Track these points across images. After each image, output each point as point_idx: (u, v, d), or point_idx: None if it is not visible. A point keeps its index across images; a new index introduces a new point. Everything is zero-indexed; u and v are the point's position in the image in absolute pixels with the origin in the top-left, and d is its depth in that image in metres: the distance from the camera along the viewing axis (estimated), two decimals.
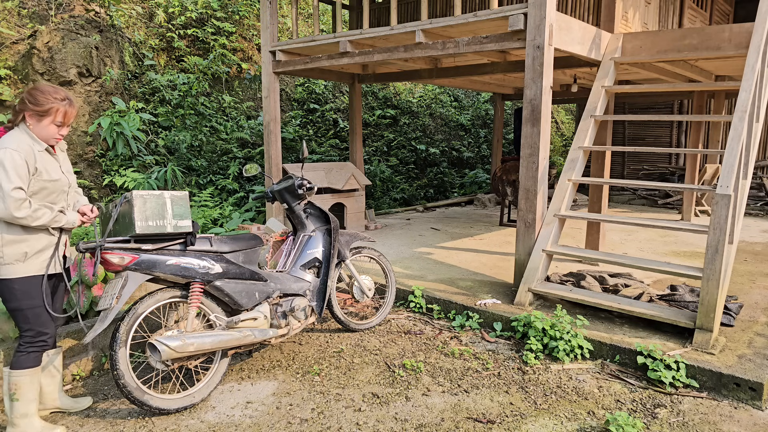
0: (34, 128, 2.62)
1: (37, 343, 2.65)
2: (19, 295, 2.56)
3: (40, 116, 2.60)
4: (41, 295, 2.62)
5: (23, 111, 2.60)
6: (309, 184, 3.74)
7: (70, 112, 2.68)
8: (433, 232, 7.44)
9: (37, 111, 2.59)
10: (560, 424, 2.84)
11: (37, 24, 7.00)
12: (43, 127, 2.62)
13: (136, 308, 2.84)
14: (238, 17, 9.95)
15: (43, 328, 2.65)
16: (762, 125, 4.74)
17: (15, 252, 2.53)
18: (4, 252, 2.52)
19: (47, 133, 2.64)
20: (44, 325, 2.65)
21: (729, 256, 3.95)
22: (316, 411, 2.97)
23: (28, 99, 2.60)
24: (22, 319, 2.60)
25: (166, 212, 2.82)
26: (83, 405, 2.99)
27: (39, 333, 2.64)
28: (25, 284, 2.57)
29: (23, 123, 2.64)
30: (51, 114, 2.62)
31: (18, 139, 2.56)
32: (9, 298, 2.57)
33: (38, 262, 2.60)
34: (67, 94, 2.69)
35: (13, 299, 2.57)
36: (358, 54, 5.63)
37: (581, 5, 5.94)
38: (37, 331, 2.64)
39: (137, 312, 2.83)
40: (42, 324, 2.64)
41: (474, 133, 13.67)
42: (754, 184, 10.00)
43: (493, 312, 4.12)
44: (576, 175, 4.62)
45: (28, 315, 2.60)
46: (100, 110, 7.23)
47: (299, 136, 9.51)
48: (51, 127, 2.63)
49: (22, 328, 2.62)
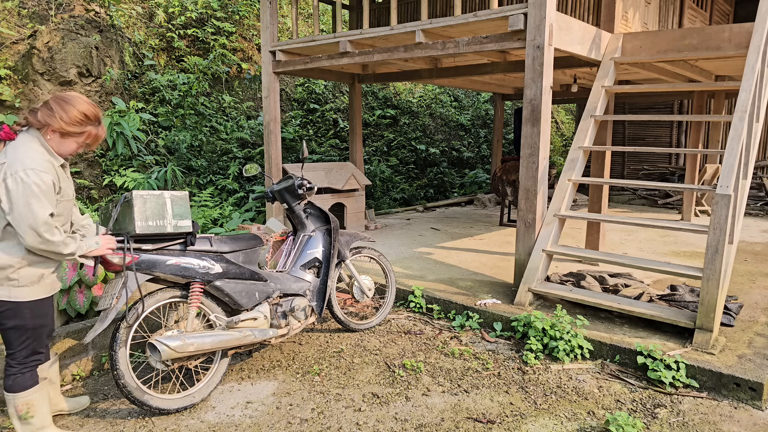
0: (52, 142, 2.34)
1: (31, 363, 2.48)
2: (27, 315, 2.39)
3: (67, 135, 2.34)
4: (49, 314, 2.50)
5: (48, 125, 2.30)
6: (309, 184, 3.74)
7: (100, 136, 2.44)
8: (433, 232, 7.44)
9: (67, 130, 2.32)
10: (560, 424, 2.84)
11: (37, 24, 7.00)
12: (65, 145, 2.37)
13: (136, 308, 2.84)
14: (238, 17, 9.95)
15: (40, 347, 2.50)
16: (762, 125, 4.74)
17: (32, 274, 2.37)
18: (20, 274, 2.34)
19: (66, 150, 2.39)
20: (42, 345, 2.51)
21: (729, 256, 3.95)
22: (316, 411, 2.97)
23: (60, 115, 2.29)
24: (20, 337, 2.41)
25: (166, 212, 2.82)
26: (83, 404, 2.99)
27: (34, 352, 2.48)
28: (36, 305, 2.42)
29: (37, 131, 2.34)
30: (82, 136, 2.39)
31: (39, 156, 2.29)
32: (13, 316, 2.37)
33: (48, 282, 2.47)
34: (99, 115, 2.42)
35: (19, 317, 2.38)
36: (358, 54, 5.63)
37: (581, 5, 5.94)
38: (33, 350, 2.47)
39: (137, 312, 2.83)
40: (41, 344, 2.50)
41: (474, 133, 13.67)
42: (754, 184, 10.00)
43: (493, 312, 4.12)
44: (576, 175, 4.62)
45: (30, 335, 2.43)
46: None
47: (299, 136, 9.51)
48: (73, 147, 2.40)
49: (16, 348, 2.42)
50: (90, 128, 2.39)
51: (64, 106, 2.33)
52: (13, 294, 2.34)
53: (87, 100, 2.40)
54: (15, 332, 2.40)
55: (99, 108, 2.45)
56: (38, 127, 2.33)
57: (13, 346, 2.43)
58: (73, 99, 2.38)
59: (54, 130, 2.33)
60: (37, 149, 2.30)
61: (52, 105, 2.33)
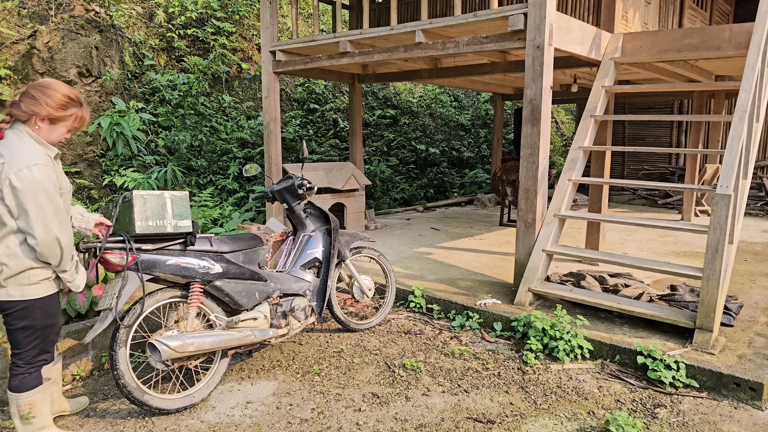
0: (42, 132, 2.32)
1: (39, 363, 2.47)
2: (38, 314, 2.38)
3: (56, 121, 2.33)
4: (57, 313, 2.49)
5: (36, 114, 2.28)
6: (309, 184, 3.74)
7: (85, 117, 2.45)
8: (433, 232, 7.44)
9: (55, 116, 2.31)
10: (560, 424, 2.84)
11: (37, 24, 7.00)
12: (55, 132, 2.36)
13: (136, 308, 2.84)
14: (238, 17, 9.95)
15: (48, 347, 2.50)
16: (762, 125, 4.74)
17: (44, 272, 2.37)
18: (31, 273, 2.33)
19: (56, 137, 2.37)
20: (49, 344, 2.51)
21: (729, 256, 3.95)
22: (316, 411, 2.97)
23: (46, 101, 2.28)
24: (29, 337, 2.40)
25: (166, 212, 2.82)
26: (83, 404, 2.98)
27: (42, 352, 2.47)
28: (47, 303, 2.41)
29: (23, 125, 2.30)
30: (69, 119, 2.38)
31: (37, 150, 2.27)
32: (24, 316, 2.35)
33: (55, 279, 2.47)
34: (81, 97, 2.43)
35: (30, 318, 2.36)
36: (358, 54, 5.63)
37: (581, 5, 5.94)
38: (41, 350, 2.46)
39: (137, 312, 2.83)
40: (49, 343, 2.49)
41: (474, 133, 13.67)
42: (754, 184, 10.00)
43: (493, 312, 4.12)
44: (576, 175, 4.61)
45: (39, 335, 2.42)
46: (100, 110, 7.23)
47: (299, 136, 9.51)
48: (63, 131, 2.39)
49: (24, 348, 2.41)
50: (75, 110, 2.39)
51: (46, 91, 2.31)
52: (26, 293, 2.33)
53: (64, 84, 2.39)
54: (24, 332, 2.39)
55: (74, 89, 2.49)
56: (24, 120, 2.30)
57: (21, 346, 2.41)
58: (52, 83, 2.36)
59: (42, 118, 2.30)
60: (31, 144, 2.28)
61: (34, 93, 2.30)
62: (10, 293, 2.31)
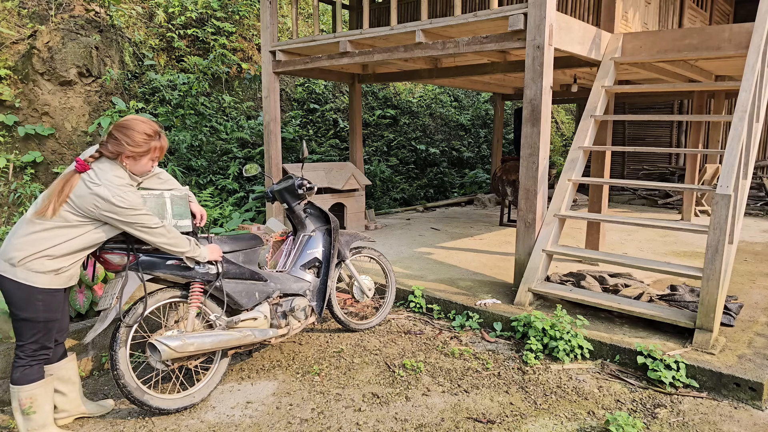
0: (130, 167, 2.61)
1: (40, 356, 2.53)
2: (40, 307, 2.45)
3: (139, 157, 2.60)
4: (60, 309, 2.54)
5: (121, 153, 2.55)
6: (309, 184, 3.74)
7: (164, 147, 2.70)
8: (433, 232, 7.44)
9: (136, 153, 2.58)
10: (560, 424, 2.84)
11: (37, 24, 7.00)
12: (140, 165, 2.64)
13: (136, 308, 2.84)
14: (238, 17, 9.95)
15: (49, 342, 2.55)
16: (762, 125, 4.73)
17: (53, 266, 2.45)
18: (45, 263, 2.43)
19: (143, 168, 2.66)
20: (50, 340, 2.55)
21: (729, 256, 3.95)
22: (316, 411, 2.97)
23: (127, 142, 2.54)
24: (31, 330, 2.48)
25: (166, 212, 2.82)
26: (107, 407, 2.95)
27: (43, 347, 2.53)
28: (49, 296, 2.47)
29: (113, 160, 2.59)
30: (150, 153, 2.63)
31: (123, 181, 2.55)
32: (26, 307, 2.44)
33: (65, 276, 2.53)
34: (157, 129, 2.67)
35: (31, 309, 2.44)
36: (358, 54, 5.63)
37: (581, 5, 5.94)
38: (42, 345, 2.52)
39: (137, 312, 2.83)
40: (50, 339, 2.54)
41: (474, 133, 13.67)
42: (754, 184, 10.00)
43: (493, 312, 4.12)
44: (576, 175, 4.61)
45: (41, 328, 2.49)
46: (100, 110, 7.23)
47: (299, 136, 9.51)
48: (147, 163, 2.66)
49: (26, 340, 2.49)
50: (154, 143, 2.64)
51: (126, 132, 2.57)
52: (30, 278, 2.41)
53: (143, 119, 2.66)
54: (27, 324, 2.47)
55: (155, 122, 2.73)
56: (113, 158, 2.57)
57: (23, 338, 2.50)
58: (132, 124, 2.61)
59: (127, 156, 2.57)
60: (120, 172, 2.57)
61: (117, 135, 2.56)
62: (17, 274, 2.40)
